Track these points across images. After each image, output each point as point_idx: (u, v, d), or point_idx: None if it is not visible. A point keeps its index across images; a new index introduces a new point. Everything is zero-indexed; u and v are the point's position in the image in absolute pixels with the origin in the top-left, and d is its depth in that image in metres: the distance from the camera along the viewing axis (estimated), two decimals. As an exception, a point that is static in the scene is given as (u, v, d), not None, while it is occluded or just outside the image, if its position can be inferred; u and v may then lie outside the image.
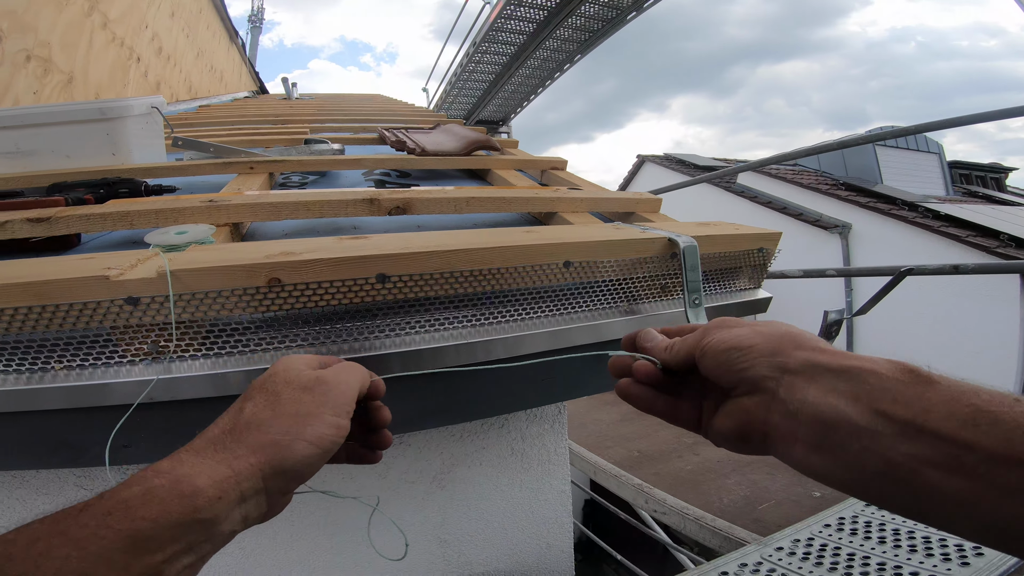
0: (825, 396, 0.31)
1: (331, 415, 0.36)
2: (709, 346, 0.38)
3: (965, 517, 0.26)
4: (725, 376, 0.37)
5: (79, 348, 0.44)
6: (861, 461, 0.29)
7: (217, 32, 4.53)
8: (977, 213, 6.18)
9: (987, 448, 0.25)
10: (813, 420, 0.31)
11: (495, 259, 0.52)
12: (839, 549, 0.99)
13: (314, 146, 1.22)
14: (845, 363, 0.32)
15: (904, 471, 0.28)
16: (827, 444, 0.31)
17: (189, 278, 0.42)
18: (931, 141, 8.43)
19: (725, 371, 0.37)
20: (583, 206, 0.85)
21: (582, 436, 4.26)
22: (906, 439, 0.28)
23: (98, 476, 0.84)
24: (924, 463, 0.27)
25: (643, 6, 5.64)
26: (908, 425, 0.28)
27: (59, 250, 0.67)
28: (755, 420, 0.35)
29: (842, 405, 0.30)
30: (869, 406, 0.29)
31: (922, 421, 0.27)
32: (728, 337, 0.37)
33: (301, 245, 0.49)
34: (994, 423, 0.26)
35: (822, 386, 0.32)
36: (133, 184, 0.84)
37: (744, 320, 0.40)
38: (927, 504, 0.28)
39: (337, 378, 0.39)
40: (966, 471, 0.26)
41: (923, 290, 5.65)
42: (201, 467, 0.31)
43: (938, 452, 0.27)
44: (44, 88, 1.88)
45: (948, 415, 0.27)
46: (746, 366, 0.35)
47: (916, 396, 0.28)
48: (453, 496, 1.00)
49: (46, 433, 0.51)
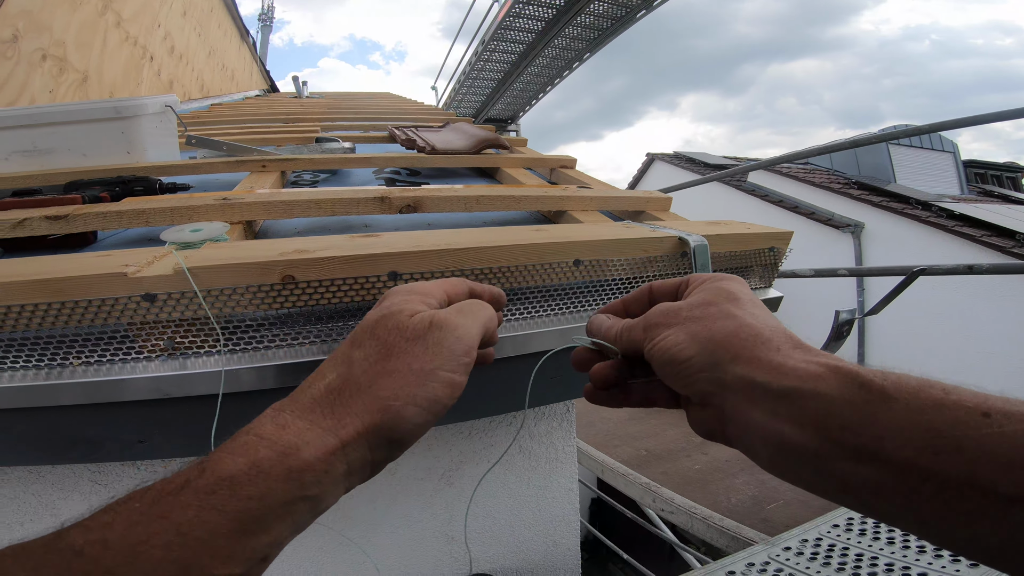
0: (768, 420, 0.29)
1: (446, 371, 0.32)
2: (651, 355, 0.35)
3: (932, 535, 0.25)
4: (674, 386, 0.34)
5: (96, 344, 0.45)
6: (818, 482, 0.28)
7: (228, 31, 4.57)
8: (992, 213, 6.09)
9: (947, 477, 0.23)
10: (762, 443, 0.29)
11: (504, 257, 0.52)
12: (847, 549, 0.98)
13: (325, 144, 1.23)
14: (785, 384, 0.29)
15: (862, 495, 0.26)
16: (782, 465, 0.29)
17: (205, 275, 0.43)
18: (945, 140, 8.33)
19: (672, 382, 0.34)
20: (593, 205, 0.85)
21: (590, 434, 4.26)
22: (860, 464, 0.26)
23: (113, 472, 0.85)
24: (879, 489, 0.25)
25: (653, 4, 5.62)
26: (861, 451, 0.26)
27: (76, 247, 0.68)
28: (714, 431, 0.33)
29: (787, 431, 0.28)
30: (817, 432, 0.27)
31: (875, 448, 0.25)
32: (667, 347, 0.34)
33: (314, 243, 0.50)
34: (957, 450, 0.23)
35: (764, 409, 0.29)
36: (148, 182, 0.86)
37: (681, 306, 0.36)
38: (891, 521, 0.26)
39: (456, 321, 0.34)
40: (924, 498, 0.24)
41: (937, 290, 5.59)
42: (308, 436, 0.28)
43: (894, 479, 0.25)
44: (59, 87, 1.90)
45: (904, 442, 0.24)
46: (687, 382, 0.33)
47: (868, 419, 0.26)
48: (462, 493, 1.00)
49: (64, 429, 0.52)
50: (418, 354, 0.32)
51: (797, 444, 0.28)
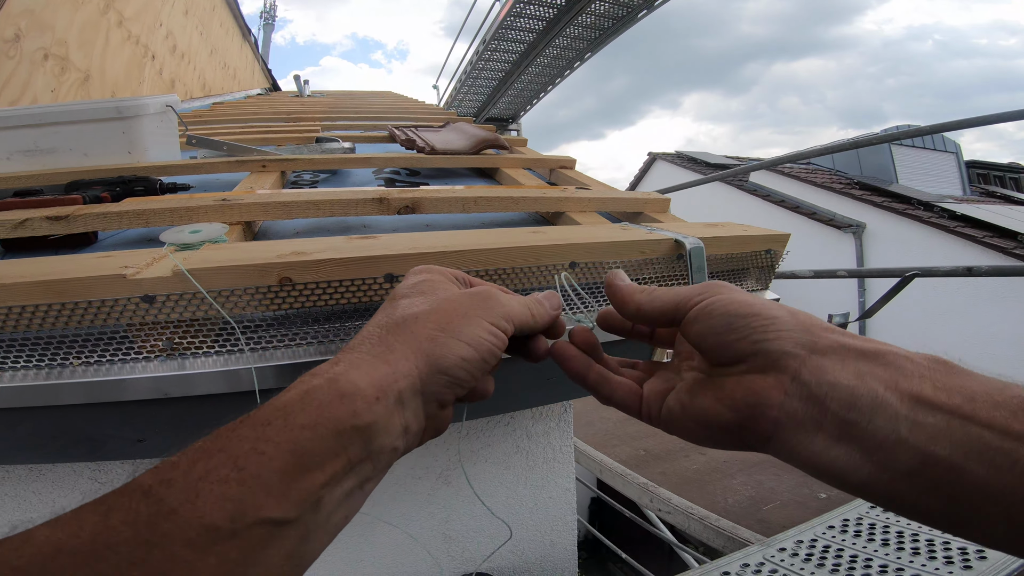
0: (860, 380, 0.27)
1: (487, 320, 0.33)
2: (713, 306, 0.32)
3: (1002, 520, 0.24)
4: (730, 347, 0.30)
5: (96, 344, 0.46)
6: (894, 456, 0.26)
7: (230, 30, 4.58)
8: (994, 213, 6.08)
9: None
10: (844, 406, 0.27)
11: (501, 259, 0.53)
12: (842, 551, 0.99)
13: (325, 144, 1.23)
14: (878, 347, 0.28)
15: (942, 468, 0.24)
16: (856, 434, 0.26)
17: (203, 277, 0.44)
18: (948, 140, 8.31)
19: (733, 340, 0.30)
20: (591, 206, 0.85)
21: (589, 434, 4.27)
22: (950, 431, 0.24)
23: (113, 469, 0.86)
24: (970, 458, 0.24)
25: (654, 4, 5.61)
26: (953, 415, 0.25)
27: (77, 247, 0.69)
28: (767, 404, 0.29)
29: (880, 390, 0.26)
30: (908, 392, 0.26)
31: (968, 411, 0.24)
32: (744, 300, 0.31)
33: (312, 244, 0.50)
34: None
35: (854, 370, 0.27)
36: (148, 182, 0.86)
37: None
38: (958, 505, 0.25)
39: (493, 291, 0.35)
40: (1021, 468, 0.23)
41: (939, 291, 5.58)
42: (358, 363, 0.28)
43: (987, 446, 0.23)
44: (61, 86, 1.91)
45: (995, 404, 0.24)
46: (767, 338, 0.29)
47: (957, 385, 0.25)
48: (459, 492, 1.01)
49: (65, 428, 0.53)
50: (464, 302, 0.33)
51: (888, 405, 0.26)
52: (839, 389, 0.27)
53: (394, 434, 0.28)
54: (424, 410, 0.30)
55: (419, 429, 0.30)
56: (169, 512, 0.21)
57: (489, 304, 0.34)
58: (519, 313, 0.35)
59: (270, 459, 0.23)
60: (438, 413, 0.32)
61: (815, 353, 0.28)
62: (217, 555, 0.21)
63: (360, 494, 0.28)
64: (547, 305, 0.39)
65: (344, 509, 0.27)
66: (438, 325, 0.31)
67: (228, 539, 0.22)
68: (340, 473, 0.25)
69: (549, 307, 0.39)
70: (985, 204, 7.02)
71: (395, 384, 0.28)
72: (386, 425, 0.27)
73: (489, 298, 0.34)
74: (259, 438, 0.24)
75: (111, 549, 0.20)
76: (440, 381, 0.30)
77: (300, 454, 0.24)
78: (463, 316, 0.32)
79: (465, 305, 0.33)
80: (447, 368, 0.30)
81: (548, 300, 0.39)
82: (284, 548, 0.24)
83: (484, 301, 0.34)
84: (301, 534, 0.24)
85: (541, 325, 0.38)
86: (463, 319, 0.32)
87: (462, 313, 0.32)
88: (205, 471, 0.23)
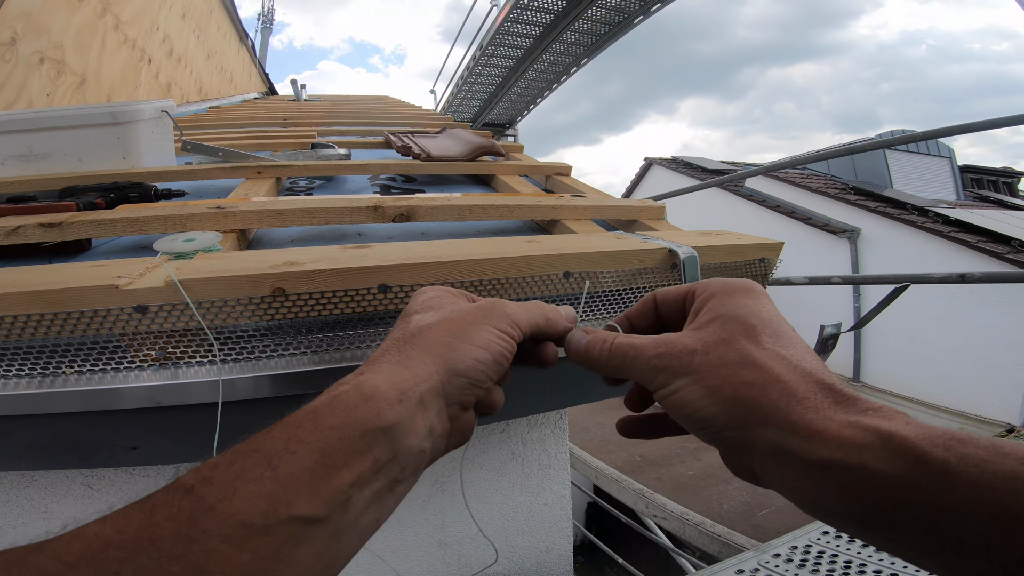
0: (806, 488, 0.27)
1: (494, 326, 0.35)
2: (663, 404, 0.34)
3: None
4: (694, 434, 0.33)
5: (89, 353, 0.45)
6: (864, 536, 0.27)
7: (227, 33, 4.58)
8: (988, 218, 6.12)
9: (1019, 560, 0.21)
10: (800, 503, 0.28)
11: (495, 269, 0.53)
12: (836, 556, 0.99)
13: (321, 151, 1.24)
14: (825, 456, 0.26)
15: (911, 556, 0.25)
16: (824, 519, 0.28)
17: (196, 287, 0.44)
18: (942, 145, 8.38)
19: (692, 432, 0.33)
20: (586, 214, 0.85)
21: (585, 440, 4.27)
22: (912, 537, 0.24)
23: (106, 476, 0.86)
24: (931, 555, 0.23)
25: (650, 10, 5.64)
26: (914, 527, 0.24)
27: (71, 253, 0.69)
28: (742, 470, 0.32)
29: (827, 501, 0.26)
30: (862, 507, 0.25)
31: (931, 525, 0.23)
32: (682, 402, 0.32)
33: (305, 254, 0.50)
34: None
35: (800, 477, 0.27)
36: (143, 188, 0.86)
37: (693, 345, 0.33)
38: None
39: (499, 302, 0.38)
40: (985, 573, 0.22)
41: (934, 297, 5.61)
42: (380, 371, 0.30)
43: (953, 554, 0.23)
44: (57, 90, 1.91)
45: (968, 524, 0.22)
46: (710, 438, 0.31)
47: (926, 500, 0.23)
48: (454, 499, 1.01)
49: (59, 435, 0.53)
50: (471, 311, 0.36)
51: (840, 512, 0.26)
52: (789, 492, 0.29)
53: (419, 435, 0.29)
54: (447, 412, 0.32)
55: (443, 431, 0.32)
56: (207, 509, 0.23)
57: (495, 312, 0.36)
58: (527, 318, 0.37)
59: (301, 458, 0.25)
60: (461, 415, 0.33)
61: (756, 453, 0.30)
62: (251, 551, 0.22)
63: (391, 498, 0.29)
64: (563, 315, 0.40)
65: (374, 511, 0.28)
66: (451, 333, 0.33)
67: (261, 535, 0.23)
68: (368, 473, 0.27)
69: (565, 317, 0.40)
70: (979, 209, 7.07)
71: (416, 387, 0.30)
72: (410, 425, 0.29)
73: (494, 307, 0.36)
74: (291, 439, 0.25)
75: (154, 544, 0.21)
76: (459, 383, 0.32)
77: (328, 453, 0.25)
78: (472, 324, 0.34)
79: (473, 314, 0.35)
80: (464, 371, 0.32)
81: (566, 311, 0.41)
82: (315, 547, 0.24)
83: (490, 310, 0.36)
84: (331, 533, 0.25)
85: (556, 332, 0.40)
86: (472, 326, 0.34)
87: (471, 321, 0.35)
88: (242, 469, 0.24)
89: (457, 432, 0.34)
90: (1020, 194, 9.57)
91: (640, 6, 5.65)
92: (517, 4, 5.70)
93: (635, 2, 5.60)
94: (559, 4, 5.71)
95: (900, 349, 6.07)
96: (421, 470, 0.31)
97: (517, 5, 5.72)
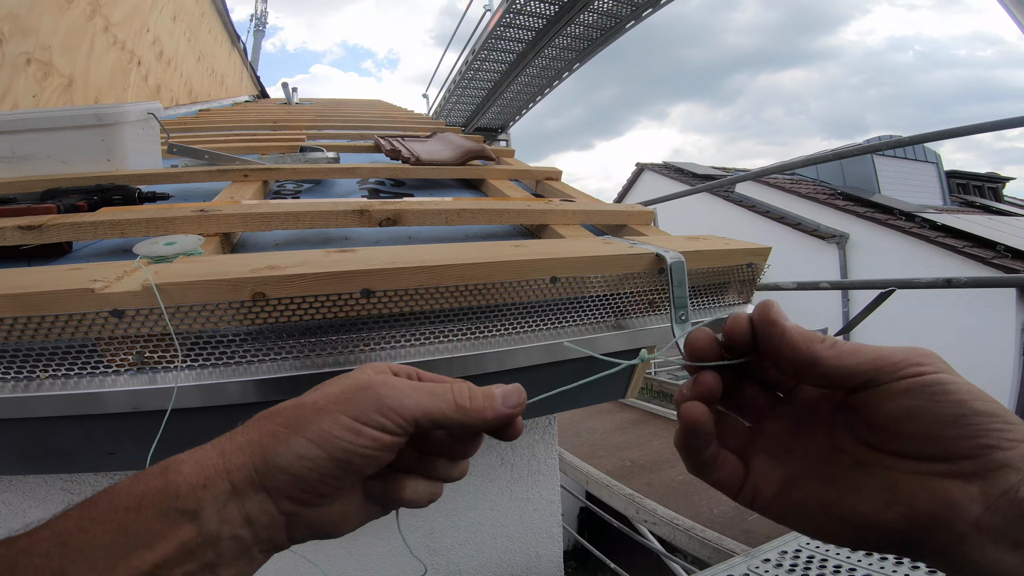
0: None
1: (349, 418, 0.29)
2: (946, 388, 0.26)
3: None
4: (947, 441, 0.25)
5: (64, 358, 0.45)
6: None
7: (219, 36, 4.55)
8: (974, 223, 6.21)
9: None
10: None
11: (482, 274, 0.53)
12: (826, 561, 0.99)
13: (309, 154, 1.23)
14: None
15: None
16: None
17: (174, 291, 0.43)
18: (929, 151, 8.49)
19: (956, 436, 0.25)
20: (575, 218, 0.85)
21: (575, 445, 4.26)
22: None
23: (85, 481, 0.84)
24: None
25: (641, 15, 5.69)
26: None
27: (51, 257, 0.68)
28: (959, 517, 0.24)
29: None
30: None
31: None
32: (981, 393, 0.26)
33: (288, 258, 0.50)
34: None
35: None
36: (127, 191, 0.85)
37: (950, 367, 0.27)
38: None
39: (391, 382, 0.32)
40: None
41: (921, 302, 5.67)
42: (197, 453, 0.29)
43: None
44: (44, 91, 1.88)
45: None
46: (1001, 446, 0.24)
47: None
48: (442, 505, 1.00)
49: (36, 440, 0.52)
50: (332, 396, 0.31)
51: None
52: None
53: (232, 522, 0.28)
54: (276, 506, 0.29)
55: (273, 523, 0.29)
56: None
57: (361, 397, 0.30)
58: (422, 407, 0.31)
59: (94, 537, 0.25)
60: (301, 511, 0.30)
61: None
62: None
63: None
64: (498, 399, 0.34)
65: None
66: (285, 420, 0.30)
67: None
68: (174, 555, 0.26)
69: (502, 403, 0.34)
70: (965, 214, 7.17)
71: (226, 475, 0.28)
72: (218, 512, 0.27)
73: (364, 390, 0.31)
74: (84, 517, 0.25)
75: None
76: (282, 479, 0.28)
77: (126, 533, 0.25)
78: (319, 411, 0.30)
79: (328, 398, 0.30)
80: (285, 466, 0.28)
81: (506, 396, 0.34)
82: None
83: (355, 394, 0.31)
84: None
85: (476, 421, 0.33)
86: (316, 414, 0.30)
87: (319, 407, 0.30)
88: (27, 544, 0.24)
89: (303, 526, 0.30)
90: (1005, 199, 9.72)
91: (632, 11, 5.70)
92: (510, 8, 5.72)
93: (627, 7, 5.64)
94: (551, 9, 5.74)
95: (888, 353, 6.12)
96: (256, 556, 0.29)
97: (510, 10, 5.74)
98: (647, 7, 5.56)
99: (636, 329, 0.64)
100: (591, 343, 0.61)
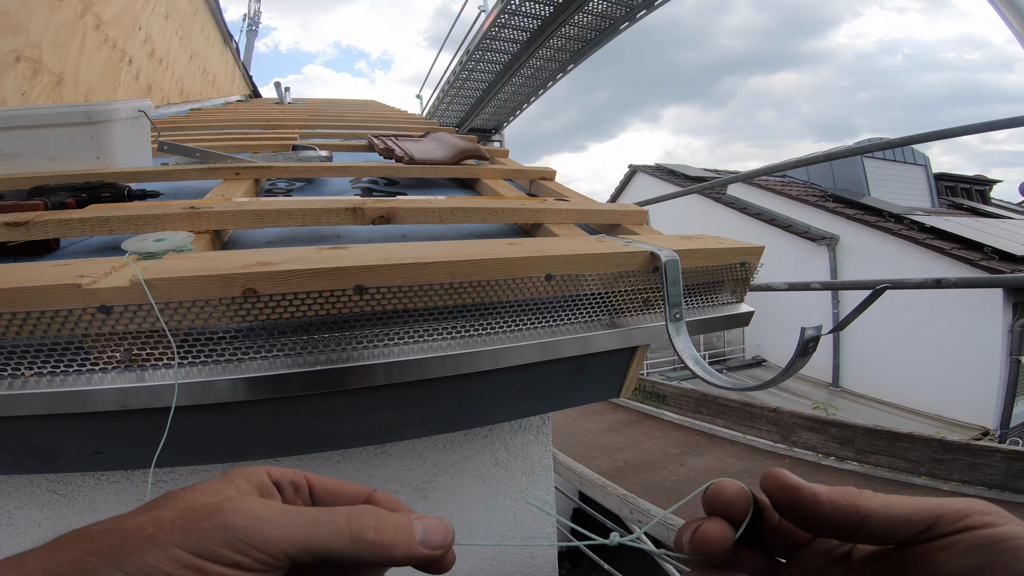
0: None
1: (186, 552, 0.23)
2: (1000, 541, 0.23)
3: None
4: None
5: (51, 355, 0.44)
6: None
7: (212, 35, 4.53)
8: (961, 226, 6.29)
9: None
10: None
11: (476, 272, 0.52)
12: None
13: (301, 152, 1.22)
14: None
15: None
16: None
17: (164, 287, 0.42)
18: (918, 153, 8.59)
19: None
20: (569, 218, 0.85)
21: (569, 446, 4.26)
22: None
23: (72, 482, 0.83)
24: None
25: (636, 16, 5.72)
26: None
27: (38, 253, 0.67)
28: None
29: None
30: None
31: None
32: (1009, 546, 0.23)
33: (279, 255, 0.49)
34: None
35: None
36: (116, 188, 0.84)
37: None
38: None
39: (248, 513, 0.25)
40: None
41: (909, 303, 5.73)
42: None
43: None
44: (33, 89, 1.86)
45: None
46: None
47: None
48: (436, 506, 0.99)
49: (18, 439, 0.51)
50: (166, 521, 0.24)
51: None
52: None
53: None
54: None
55: None
56: None
57: (204, 526, 0.24)
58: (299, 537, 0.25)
59: None
60: None
61: None
62: None
63: None
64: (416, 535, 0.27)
65: None
66: (97, 547, 0.23)
67: None
68: None
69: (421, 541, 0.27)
70: (953, 216, 7.26)
71: None
72: None
73: (210, 517, 0.24)
74: None
75: None
76: None
77: None
78: (145, 539, 0.23)
79: (160, 524, 0.24)
80: None
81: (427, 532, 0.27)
82: None
83: (197, 521, 0.24)
84: None
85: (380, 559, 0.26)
86: (141, 542, 0.23)
87: (147, 535, 0.24)
88: None
89: None
90: (992, 201, 9.84)
91: (626, 12, 5.72)
92: (504, 9, 5.73)
93: (621, 8, 5.67)
94: (546, 10, 5.76)
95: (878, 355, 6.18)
96: None
97: (504, 11, 5.75)
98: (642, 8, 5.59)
99: (630, 328, 0.64)
100: (586, 341, 0.61)
